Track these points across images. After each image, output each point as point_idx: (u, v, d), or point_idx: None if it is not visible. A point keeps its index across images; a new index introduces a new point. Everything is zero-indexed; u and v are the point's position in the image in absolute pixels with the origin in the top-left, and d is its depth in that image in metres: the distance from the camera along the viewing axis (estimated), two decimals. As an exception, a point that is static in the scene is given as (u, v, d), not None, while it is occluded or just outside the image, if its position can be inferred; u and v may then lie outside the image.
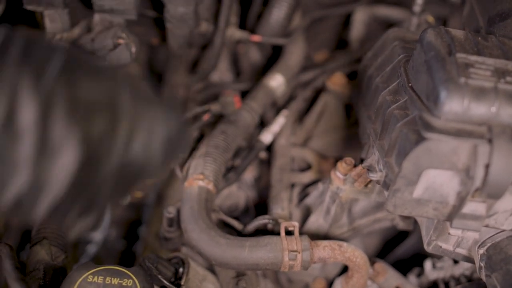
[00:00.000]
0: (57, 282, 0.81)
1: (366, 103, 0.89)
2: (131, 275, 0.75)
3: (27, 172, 0.49)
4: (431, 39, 0.70)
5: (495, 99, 0.63)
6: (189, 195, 0.88)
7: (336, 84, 1.23)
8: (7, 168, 0.49)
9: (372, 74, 0.88)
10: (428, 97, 0.68)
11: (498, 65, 0.67)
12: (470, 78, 0.64)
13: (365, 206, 0.99)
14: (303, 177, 1.12)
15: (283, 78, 1.19)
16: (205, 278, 0.92)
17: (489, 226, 0.72)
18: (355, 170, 0.90)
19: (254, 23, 1.29)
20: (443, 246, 0.80)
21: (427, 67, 0.69)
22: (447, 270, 0.99)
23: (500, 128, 0.63)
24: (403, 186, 0.68)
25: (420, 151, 0.65)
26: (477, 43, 0.70)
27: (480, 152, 0.63)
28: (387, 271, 0.95)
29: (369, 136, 0.85)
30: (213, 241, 0.84)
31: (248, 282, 0.89)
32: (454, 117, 0.64)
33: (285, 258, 0.84)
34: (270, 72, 1.20)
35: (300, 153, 1.17)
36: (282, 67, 1.22)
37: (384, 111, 0.78)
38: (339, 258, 0.87)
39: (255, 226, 0.92)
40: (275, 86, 1.17)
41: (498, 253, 0.73)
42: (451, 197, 0.68)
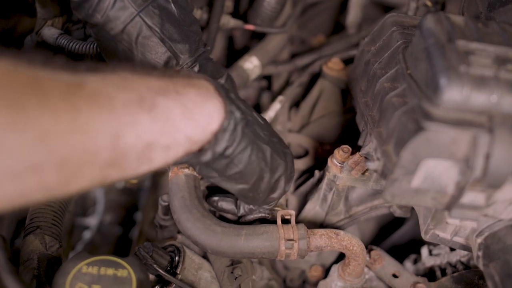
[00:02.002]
0: (52, 272, 0.81)
1: (364, 90, 0.88)
2: (126, 265, 0.75)
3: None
4: (430, 25, 0.69)
5: (495, 88, 0.62)
6: (176, 184, 0.86)
7: (332, 70, 1.21)
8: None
9: (370, 60, 0.86)
10: (427, 85, 0.66)
11: (498, 52, 0.66)
12: (470, 66, 0.63)
13: (362, 194, 0.98)
14: (299, 164, 1.11)
15: (259, 61, 1.18)
16: (201, 267, 0.91)
17: (488, 215, 0.72)
18: (353, 158, 0.89)
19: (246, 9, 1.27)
20: (440, 235, 0.79)
21: (426, 54, 0.67)
22: (443, 257, 0.99)
23: (501, 118, 0.62)
24: (401, 175, 0.68)
25: (419, 141, 0.64)
26: (477, 30, 0.69)
27: (480, 141, 0.62)
28: (384, 259, 0.95)
29: (367, 123, 0.84)
30: (209, 230, 0.83)
31: (244, 270, 0.89)
32: (454, 106, 0.63)
33: (281, 247, 0.83)
34: (247, 54, 1.19)
35: (296, 139, 1.16)
36: (259, 50, 1.21)
37: (382, 98, 0.77)
38: (336, 247, 0.86)
39: (253, 218, 0.91)
40: (250, 68, 1.17)
41: (496, 243, 0.72)
42: (450, 186, 0.67)
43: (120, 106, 0.59)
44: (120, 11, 0.83)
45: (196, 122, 0.69)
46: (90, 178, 0.59)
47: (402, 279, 0.93)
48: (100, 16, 0.83)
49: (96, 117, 0.57)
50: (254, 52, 1.20)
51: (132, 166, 0.63)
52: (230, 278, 0.88)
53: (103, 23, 0.84)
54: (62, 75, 0.56)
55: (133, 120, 0.61)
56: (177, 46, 0.87)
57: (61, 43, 0.95)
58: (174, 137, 0.67)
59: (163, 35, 0.85)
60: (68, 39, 0.95)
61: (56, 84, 0.55)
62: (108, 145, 0.58)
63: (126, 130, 0.60)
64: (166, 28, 0.86)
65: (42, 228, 0.86)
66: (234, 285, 0.87)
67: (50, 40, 0.97)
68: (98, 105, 0.57)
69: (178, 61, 0.87)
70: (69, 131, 0.54)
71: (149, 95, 0.63)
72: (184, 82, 0.70)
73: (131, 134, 0.60)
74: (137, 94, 0.62)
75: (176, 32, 0.87)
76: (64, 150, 0.54)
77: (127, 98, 0.61)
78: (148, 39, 0.85)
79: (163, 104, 0.65)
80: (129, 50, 0.85)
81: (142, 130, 0.62)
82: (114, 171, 0.61)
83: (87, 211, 1.48)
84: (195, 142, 0.70)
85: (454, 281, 0.92)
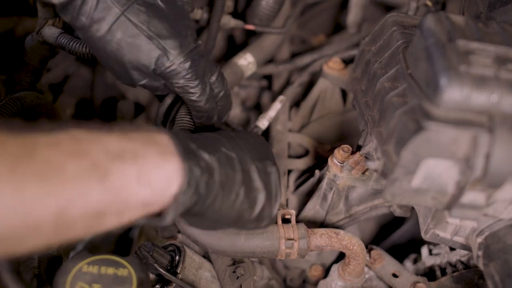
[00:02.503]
0: (52, 271, 0.81)
1: (364, 89, 0.88)
2: (126, 265, 0.75)
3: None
4: (431, 25, 0.69)
5: (496, 88, 0.62)
6: None
7: (333, 69, 1.21)
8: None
9: (370, 59, 0.86)
10: (427, 85, 0.66)
11: (499, 52, 0.65)
12: (470, 66, 0.63)
13: (362, 193, 0.98)
14: (300, 163, 1.11)
15: (253, 57, 1.18)
16: (201, 266, 0.91)
17: (488, 215, 0.72)
18: (353, 158, 0.89)
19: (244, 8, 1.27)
20: (440, 234, 0.79)
21: (426, 54, 0.67)
22: (443, 257, 0.99)
23: (501, 117, 0.62)
24: (401, 175, 0.68)
25: (419, 141, 0.64)
26: (478, 29, 0.69)
27: (480, 141, 0.62)
28: (384, 258, 0.95)
29: (367, 123, 0.84)
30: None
31: (246, 270, 0.89)
32: (454, 105, 0.63)
33: (281, 246, 0.83)
34: (242, 52, 1.19)
35: (296, 139, 1.16)
36: (254, 48, 1.21)
37: (382, 98, 0.77)
38: (336, 246, 0.86)
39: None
40: (244, 64, 1.16)
41: (496, 242, 0.72)
42: (450, 186, 0.67)
43: (70, 177, 0.57)
44: (104, 11, 0.82)
45: (153, 187, 0.65)
46: (35, 246, 0.58)
47: (402, 278, 0.93)
48: (85, 18, 0.82)
49: (42, 193, 0.55)
50: (249, 49, 1.20)
51: (80, 233, 0.61)
52: (232, 277, 0.88)
53: (88, 25, 0.83)
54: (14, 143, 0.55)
55: (83, 192, 0.58)
56: (166, 42, 0.85)
57: (61, 42, 0.95)
58: (128, 203, 0.63)
59: (151, 32, 0.84)
60: (69, 39, 0.95)
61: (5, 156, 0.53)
62: (52, 219, 0.56)
63: (74, 202, 0.57)
64: (154, 25, 0.84)
65: (42, 227, 0.86)
66: (236, 284, 0.87)
67: (50, 39, 0.97)
68: (46, 179, 0.55)
69: (168, 58, 0.84)
70: (11, 207, 0.53)
71: (103, 161, 0.60)
72: (144, 140, 0.66)
73: (79, 205, 0.58)
74: (90, 161, 0.59)
75: (164, 28, 0.85)
76: (5, 225, 0.53)
77: (79, 167, 0.58)
78: (135, 37, 0.83)
79: (118, 170, 0.61)
80: (117, 50, 0.84)
81: (91, 201, 0.59)
82: (60, 239, 0.59)
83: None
84: (150, 206, 0.66)
85: (454, 280, 0.92)
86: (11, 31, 1.19)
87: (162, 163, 0.66)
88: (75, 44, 0.94)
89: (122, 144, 0.63)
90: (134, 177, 0.62)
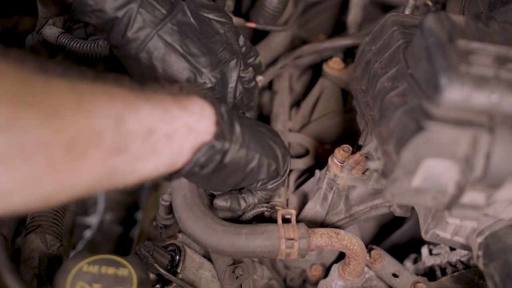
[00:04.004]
0: (52, 271, 0.81)
1: (364, 89, 0.88)
2: (126, 264, 0.75)
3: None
4: (431, 25, 0.69)
5: (496, 88, 0.62)
6: (178, 183, 0.86)
7: (333, 69, 1.21)
8: None
9: (371, 59, 0.86)
10: (427, 85, 0.66)
11: (499, 52, 0.65)
12: (471, 66, 0.63)
13: (362, 193, 0.98)
14: (300, 163, 1.11)
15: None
16: (201, 266, 0.91)
17: (488, 215, 0.72)
18: (353, 158, 0.90)
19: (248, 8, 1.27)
20: (440, 234, 0.79)
21: (427, 54, 0.67)
22: (443, 257, 0.99)
23: (501, 117, 0.62)
24: (401, 175, 0.68)
25: (419, 140, 0.64)
26: (478, 29, 0.69)
27: (480, 141, 0.62)
28: (384, 258, 0.95)
29: (367, 122, 0.85)
30: (210, 228, 0.83)
31: (245, 270, 0.89)
32: (454, 105, 0.63)
33: (282, 246, 0.83)
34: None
35: (297, 139, 1.16)
36: (263, 48, 1.21)
37: (382, 98, 0.77)
38: (336, 246, 0.86)
39: (253, 214, 0.91)
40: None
41: (496, 242, 0.72)
42: (450, 186, 0.67)
43: (119, 96, 0.63)
44: (139, 31, 0.84)
45: (190, 111, 0.71)
46: (97, 164, 0.60)
47: (402, 278, 0.93)
48: (120, 37, 0.85)
49: (98, 102, 0.60)
50: (258, 49, 1.20)
51: (138, 154, 0.65)
52: (232, 277, 0.88)
53: (123, 44, 0.85)
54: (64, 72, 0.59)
55: (133, 107, 0.64)
56: (198, 60, 0.88)
57: (62, 42, 0.95)
58: (174, 125, 0.69)
59: (183, 51, 0.87)
60: (69, 38, 0.95)
61: (60, 75, 0.58)
62: (112, 127, 0.61)
63: (127, 115, 0.63)
64: (186, 43, 0.87)
65: (43, 227, 0.86)
66: (235, 284, 0.87)
67: (51, 39, 0.97)
68: (99, 93, 0.61)
69: (200, 76, 0.88)
70: (75, 111, 0.57)
71: (142, 90, 0.67)
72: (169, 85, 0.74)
73: (133, 120, 0.63)
74: (132, 90, 0.66)
75: (196, 46, 0.88)
76: (71, 129, 0.56)
77: (124, 92, 0.64)
78: (168, 55, 0.86)
79: (157, 96, 0.69)
80: (151, 68, 0.87)
81: (142, 117, 0.65)
82: (121, 159, 0.63)
83: (88, 210, 1.48)
84: (194, 130, 0.72)
85: (454, 280, 0.92)
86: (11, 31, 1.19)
87: (190, 95, 0.74)
88: (76, 43, 0.94)
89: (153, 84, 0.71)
90: (173, 102, 0.70)
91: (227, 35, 0.93)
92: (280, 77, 1.28)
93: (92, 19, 0.85)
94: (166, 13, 0.86)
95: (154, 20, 0.85)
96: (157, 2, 0.85)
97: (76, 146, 0.57)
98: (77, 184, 0.60)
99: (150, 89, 0.69)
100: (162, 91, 0.71)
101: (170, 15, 0.86)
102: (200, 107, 0.74)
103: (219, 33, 0.93)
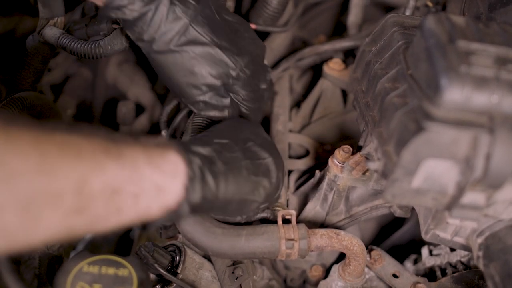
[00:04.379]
0: (53, 271, 0.81)
1: (364, 90, 0.88)
2: (127, 265, 0.75)
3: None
4: (431, 25, 0.69)
5: (496, 88, 0.62)
6: None
7: (333, 70, 1.21)
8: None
9: (371, 60, 0.86)
10: (428, 86, 0.66)
11: (499, 53, 0.65)
12: (471, 66, 0.63)
13: (363, 194, 0.98)
14: (300, 164, 1.11)
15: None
16: (202, 266, 0.91)
17: (488, 215, 0.72)
18: (353, 158, 0.90)
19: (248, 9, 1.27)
20: (441, 235, 0.79)
21: (427, 55, 0.67)
22: (444, 257, 0.99)
23: (502, 118, 0.62)
24: (401, 175, 0.68)
25: (420, 141, 0.64)
26: (478, 30, 0.69)
27: (480, 142, 0.62)
28: (384, 259, 0.95)
29: (367, 123, 0.85)
30: (209, 232, 0.83)
31: (245, 270, 0.89)
32: (455, 106, 0.63)
33: (282, 246, 0.83)
34: None
35: (297, 139, 1.16)
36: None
37: (382, 99, 0.77)
38: (337, 246, 0.86)
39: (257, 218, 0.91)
40: None
41: (496, 243, 0.72)
42: (450, 187, 0.67)
43: (87, 154, 0.61)
44: (174, 22, 0.84)
45: (162, 170, 0.69)
46: (54, 224, 0.59)
47: (403, 279, 0.93)
48: (154, 30, 0.84)
49: (63, 162, 0.58)
50: None
51: (100, 214, 0.63)
52: (231, 278, 0.88)
53: (157, 37, 0.85)
54: (31, 127, 0.58)
55: (100, 167, 0.62)
56: (229, 52, 0.88)
57: (62, 43, 0.95)
58: (142, 185, 0.66)
59: (215, 43, 0.87)
60: (70, 39, 0.95)
61: (26, 132, 0.57)
62: (73, 189, 0.58)
63: (92, 175, 0.60)
64: (217, 36, 0.87)
65: (43, 227, 0.86)
66: (235, 285, 0.87)
67: (51, 40, 0.97)
68: (66, 151, 0.59)
69: (236, 66, 0.88)
70: (34, 174, 0.55)
71: (113, 146, 0.65)
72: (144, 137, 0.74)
73: (98, 180, 0.61)
74: (103, 145, 0.64)
75: (225, 39, 0.89)
76: (28, 191, 0.55)
77: (94, 147, 0.62)
78: (203, 48, 0.86)
79: (129, 153, 0.66)
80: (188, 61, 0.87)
81: (108, 177, 0.62)
82: (80, 219, 0.61)
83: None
84: (164, 191, 0.70)
85: (454, 281, 0.92)
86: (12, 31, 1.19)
87: (165, 153, 0.71)
88: (76, 44, 0.94)
89: (127, 138, 0.69)
90: (145, 160, 0.67)
91: (248, 35, 0.95)
92: (280, 78, 1.28)
93: (124, 14, 0.83)
94: (196, 5, 0.86)
95: (187, 11, 0.85)
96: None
97: (32, 207, 0.56)
98: (28, 242, 0.59)
99: (124, 143, 0.67)
100: (136, 146, 0.68)
101: (199, 8, 0.86)
102: (174, 165, 0.71)
103: (241, 32, 0.94)
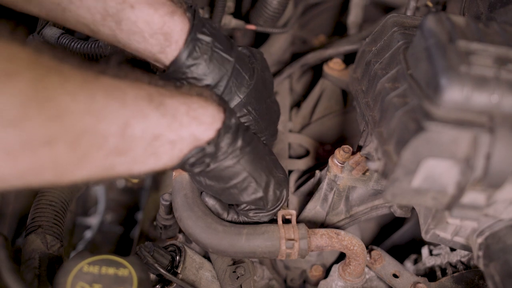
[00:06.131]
0: (53, 271, 0.81)
1: (365, 90, 0.88)
2: (127, 265, 0.75)
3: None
4: (431, 25, 0.69)
5: (496, 88, 0.62)
6: (180, 183, 0.86)
7: (333, 70, 1.21)
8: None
9: (371, 60, 0.86)
10: (428, 85, 0.67)
11: (499, 53, 0.66)
12: (471, 66, 0.63)
13: (363, 193, 0.98)
14: (300, 164, 1.11)
15: None
16: (202, 266, 0.91)
17: (488, 215, 0.72)
18: (353, 158, 0.90)
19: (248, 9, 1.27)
20: (441, 234, 0.79)
21: (427, 55, 0.67)
22: (444, 257, 0.99)
23: (502, 118, 0.62)
24: (402, 175, 0.68)
25: (420, 141, 0.64)
26: (478, 30, 0.69)
27: (480, 141, 0.62)
28: (384, 259, 0.95)
29: (367, 123, 0.85)
30: (210, 228, 0.83)
31: (246, 270, 0.89)
32: (455, 106, 0.63)
33: (282, 246, 0.83)
34: None
35: (297, 139, 1.16)
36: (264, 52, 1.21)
37: (383, 99, 0.77)
38: (337, 246, 0.86)
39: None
40: None
41: (496, 243, 0.72)
42: (450, 186, 0.67)
43: (131, 100, 0.65)
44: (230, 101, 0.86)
45: (200, 121, 0.73)
46: (97, 162, 0.63)
47: (403, 279, 0.93)
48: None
49: (109, 105, 0.62)
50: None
51: (139, 158, 0.68)
52: (232, 277, 0.88)
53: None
54: (81, 67, 0.61)
55: (142, 113, 0.66)
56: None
57: (62, 42, 0.95)
58: (180, 133, 0.71)
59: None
60: (70, 39, 0.95)
61: (76, 72, 0.60)
62: (117, 131, 0.63)
63: (135, 121, 0.65)
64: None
65: (43, 227, 0.86)
66: (236, 284, 0.87)
67: (51, 39, 0.97)
68: (111, 96, 0.63)
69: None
70: (83, 113, 0.59)
71: (156, 95, 0.69)
72: (188, 88, 0.76)
73: (140, 126, 0.66)
74: (147, 92, 0.68)
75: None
76: (78, 129, 0.59)
77: (137, 94, 0.67)
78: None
79: (170, 103, 0.71)
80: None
81: (149, 123, 0.67)
82: (120, 160, 0.65)
83: (88, 210, 1.48)
84: (199, 139, 0.74)
85: (455, 281, 0.92)
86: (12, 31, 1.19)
87: (205, 104, 0.75)
88: (76, 44, 0.94)
89: (170, 87, 0.73)
90: (184, 111, 0.72)
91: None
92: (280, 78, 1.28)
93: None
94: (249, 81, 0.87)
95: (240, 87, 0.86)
96: (243, 70, 0.86)
97: (80, 145, 0.60)
98: (74, 177, 0.63)
99: (167, 91, 0.71)
100: (178, 96, 0.72)
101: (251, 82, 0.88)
102: (212, 117, 0.75)
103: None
